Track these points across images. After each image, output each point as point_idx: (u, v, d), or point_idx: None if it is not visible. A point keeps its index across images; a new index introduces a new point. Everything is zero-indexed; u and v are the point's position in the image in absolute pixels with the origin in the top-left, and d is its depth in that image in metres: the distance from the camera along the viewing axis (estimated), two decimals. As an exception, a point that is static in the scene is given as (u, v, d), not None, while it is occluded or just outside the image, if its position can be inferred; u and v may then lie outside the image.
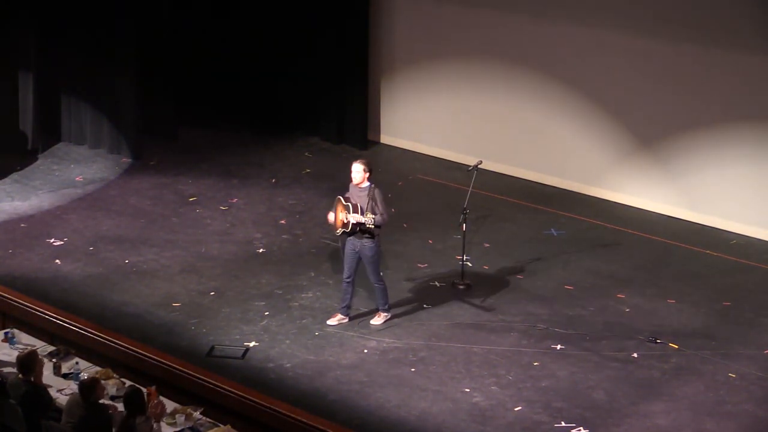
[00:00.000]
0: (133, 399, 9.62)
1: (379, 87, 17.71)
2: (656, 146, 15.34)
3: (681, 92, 15.00)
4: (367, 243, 12.36)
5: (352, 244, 12.41)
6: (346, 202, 12.33)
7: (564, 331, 12.53)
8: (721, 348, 12.25)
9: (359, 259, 12.48)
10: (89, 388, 9.78)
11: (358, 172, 12.35)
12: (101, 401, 9.94)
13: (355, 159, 12.63)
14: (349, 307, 12.70)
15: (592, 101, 15.76)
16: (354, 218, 12.20)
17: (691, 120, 15.00)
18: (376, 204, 12.28)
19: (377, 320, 12.71)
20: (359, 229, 12.29)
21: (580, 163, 16.02)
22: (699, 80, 14.84)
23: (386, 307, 12.71)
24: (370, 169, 12.42)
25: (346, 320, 12.70)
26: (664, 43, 14.89)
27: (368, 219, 12.16)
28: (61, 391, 10.61)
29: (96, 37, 17.11)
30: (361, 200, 12.30)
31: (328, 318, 12.75)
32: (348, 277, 12.57)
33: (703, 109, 14.87)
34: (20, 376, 10.22)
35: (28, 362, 10.25)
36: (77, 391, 10.01)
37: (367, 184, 12.37)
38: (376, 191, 12.35)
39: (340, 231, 12.42)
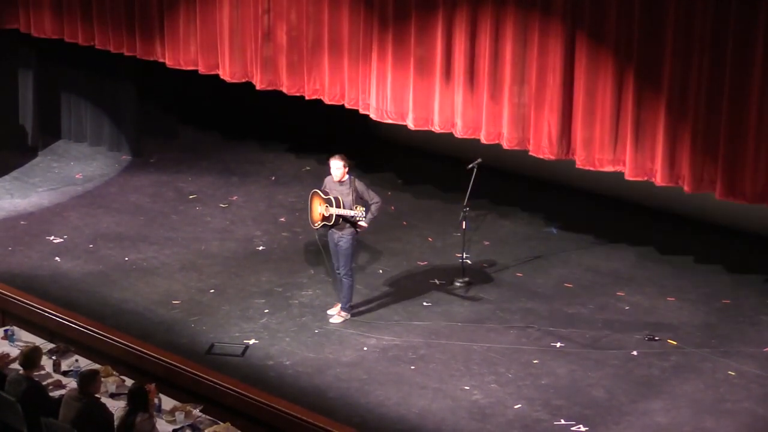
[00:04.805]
0: (136, 395, 9.62)
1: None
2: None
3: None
4: (345, 235, 12.40)
5: (332, 238, 12.53)
6: (325, 195, 12.38)
7: (563, 330, 12.53)
8: (721, 346, 12.25)
9: None
10: (88, 379, 9.78)
11: (338, 168, 12.37)
12: (97, 395, 9.94)
13: (334, 155, 12.53)
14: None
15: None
16: (339, 212, 12.24)
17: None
18: (363, 194, 12.33)
19: (337, 318, 12.71)
20: (341, 221, 12.34)
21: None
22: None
23: (348, 306, 12.74)
24: (348, 163, 12.44)
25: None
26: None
27: (358, 213, 12.20)
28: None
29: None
30: (343, 194, 12.33)
31: (328, 314, 12.79)
32: (338, 270, 12.65)
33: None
34: (21, 371, 10.23)
35: (32, 358, 10.24)
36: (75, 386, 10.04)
37: (346, 177, 12.40)
38: (358, 182, 12.40)
39: (319, 224, 12.47)
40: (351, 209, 12.25)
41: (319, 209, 12.45)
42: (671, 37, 12.05)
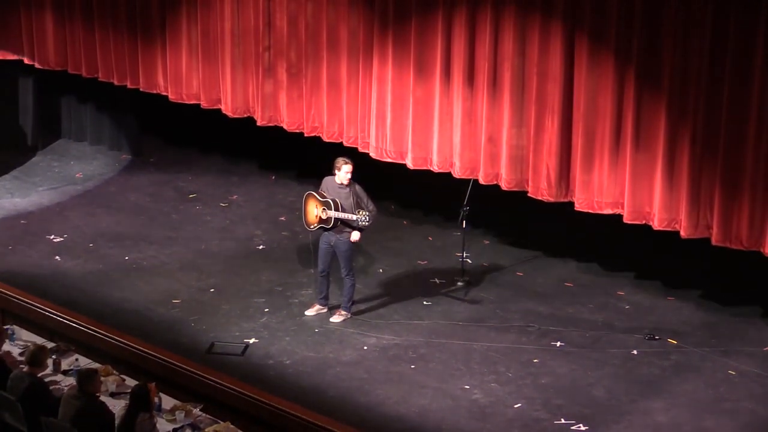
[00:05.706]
0: (139, 396, 9.62)
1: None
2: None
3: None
4: (343, 237, 12.41)
5: (327, 238, 12.48)
6: (322, 198, 12.37)
7: (563, 329, 12.53)
8: (721, 345, 12.26)
9: (333, 254, 12.54)
10: (87, 378, 9.78)
11: (347, 171, 12.37)
12: (97, 394, 9.94)
13: (343, 158, 12.52)
14: (326, 297, 12.78)
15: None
16: (340, 216, 12.24)
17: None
18: (361, 200, 12.35)
19: (337, 318, 12.71)
20: (340, 224, 12.34)
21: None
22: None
23: (349, 305, 12.74)
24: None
25: (325, 310, 12.79)
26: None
27: (360, 217, 12.20)
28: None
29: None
30: (342, 197, 12.32)
31: (306, 314, 12.81)
32: (322, 272, 12.69)
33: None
34: (24, 369, 10.23)
35: (39, 356, 10.24)
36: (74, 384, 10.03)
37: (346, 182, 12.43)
38: (358, 187, 12.40)
39: (315, 227, 12.47)
40: (352, 213, 12.25)
41: (315, 211, 12.45)
42: (668, 86, 12.26)
